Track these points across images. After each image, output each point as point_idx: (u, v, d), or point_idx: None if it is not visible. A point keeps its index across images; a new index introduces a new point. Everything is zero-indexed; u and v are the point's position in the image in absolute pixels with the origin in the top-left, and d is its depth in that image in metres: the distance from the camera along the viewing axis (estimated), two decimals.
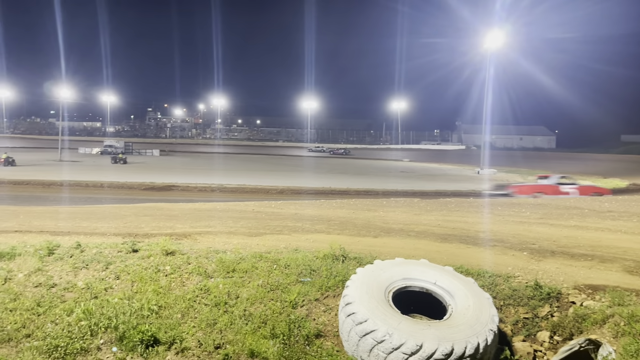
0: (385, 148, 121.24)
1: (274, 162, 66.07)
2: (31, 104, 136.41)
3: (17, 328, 6.60)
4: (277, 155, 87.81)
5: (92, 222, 12.72)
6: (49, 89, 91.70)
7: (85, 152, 75.52)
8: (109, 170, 41.38)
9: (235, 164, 60.15)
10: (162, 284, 7.67)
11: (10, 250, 8.96)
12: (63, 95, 68.68)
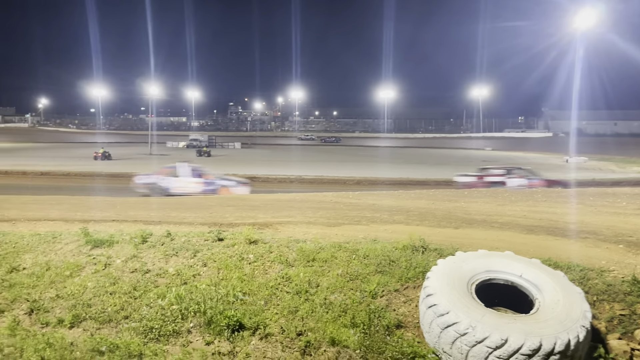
0: (466, 137, 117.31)
1: (351, 153, 66.17)
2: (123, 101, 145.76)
3: (117, 310, 7.13)
4: (353, 146, 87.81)
5: (181, 212, 13.42)
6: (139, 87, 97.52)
7: (173, 145, 79.64)
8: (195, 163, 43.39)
9: (313, 155, 60.91)
10: (246, 272, 7.96)
11: (109, 238, 9.68)
12: (152, 93, 72.75)
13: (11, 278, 8.25)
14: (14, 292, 7.80)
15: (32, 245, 9.58)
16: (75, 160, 42.53)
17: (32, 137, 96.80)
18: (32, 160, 41.34)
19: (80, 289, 7.75)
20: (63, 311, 7.26)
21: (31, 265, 8.76)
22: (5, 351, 6.00)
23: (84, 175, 29.83)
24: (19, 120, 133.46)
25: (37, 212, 13.41)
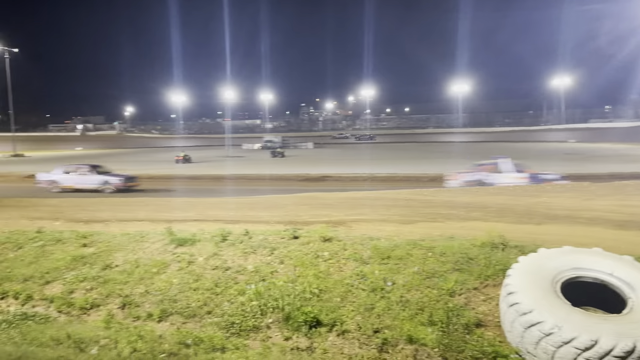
0: (547, 129, 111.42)
1: (424, 150, 65.02)
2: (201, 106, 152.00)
3: (200, 305, 7.47)
4: (426, 142, 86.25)
5: (257, 212, 13.82)
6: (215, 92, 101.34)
7: (248, 147, 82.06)
8: (269, 164, 44.41)
9: (385, 153, 60.47)
10: (321, 269, 8.06)
11: (192, 236, 10.15)
12: (227, 97, 75.33)
13: (105, 275, 8.87)
14: (108, 287, 8.38)
15: (123, 244, 10.24)
16: (158, 164, 44.91)
17: (119, 143, 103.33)
18: (120, 165, 44.16)
19: (167, 285, 8.19)
20: (152, 306, 7.71)
21: (122, 263, 9.37)
22: (102, 342, 6.46)
23: (166, 178, 31.45)
24: (108, 128, 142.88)
25: (127, 213, 14.32)
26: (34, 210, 15.40)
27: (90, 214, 14.17)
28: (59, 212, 14.71)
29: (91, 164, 24.98)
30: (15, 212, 14.92)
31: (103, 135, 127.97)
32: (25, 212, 14.88)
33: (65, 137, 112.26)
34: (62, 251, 10.19)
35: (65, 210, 15.20)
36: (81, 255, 9.82)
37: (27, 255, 10.15)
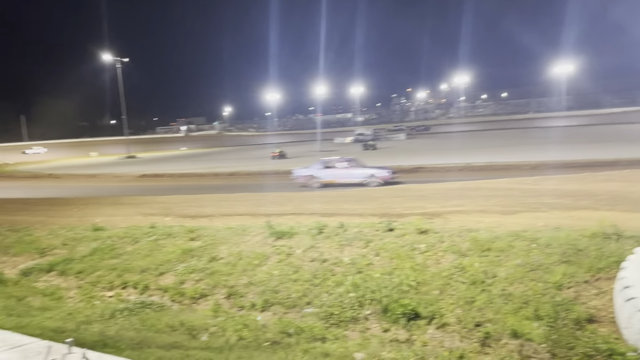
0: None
1: (524, 136, 61.59)
2: (294, 103, 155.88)
3: (300, 296, 7.71)
4: (527, 128, 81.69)
5: (351, 205, 13.93)
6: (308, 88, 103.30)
7: (340, 141, 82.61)
8: (361, 157, 44.48)
9: (481, 141, 58.12)
10: (418, 261, 7.98)
11: (289, 230, 10.48)
12: (319, 92, 76.34)
13: (212, 266, 9.42)
14: (215, 278, 8.91)
15: (226, 238, 10.82)
16: (255, 161, 46.64)
17: (219, 142, 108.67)
18: (220, 162, 46.44)
19: (268, 277, 8.54)
20: (255, 296, 8.08)
21: (226, 255, 9.90)
22: (211, 330, 6.88)
23: (263, 173, 32.57)
24: (208, 128, 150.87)
25: (228, 208, 15.06)
26: (147, 207, 16.68)
27: (196, 210, 15.08)
28: (168, 209, 15.80)
29: (347, 158, 24.21)
30: (130, 209, 16.26)
31: (204, 135, 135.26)
32: (139, 209, 16.17)
33: (170, 139, 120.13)
34: (172, 245, 10.97)
35: (173, 206, 16.30)
36: (189, 248, 10.51)
37: (143, 249, 11.05)
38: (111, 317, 7.45)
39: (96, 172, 40.98)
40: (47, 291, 9.71)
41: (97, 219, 14.51)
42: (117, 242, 11.71)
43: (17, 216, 16.27)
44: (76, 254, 11.49)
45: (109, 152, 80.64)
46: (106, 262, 10.70)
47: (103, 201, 19.22)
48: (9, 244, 12.87)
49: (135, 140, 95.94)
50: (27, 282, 10.49)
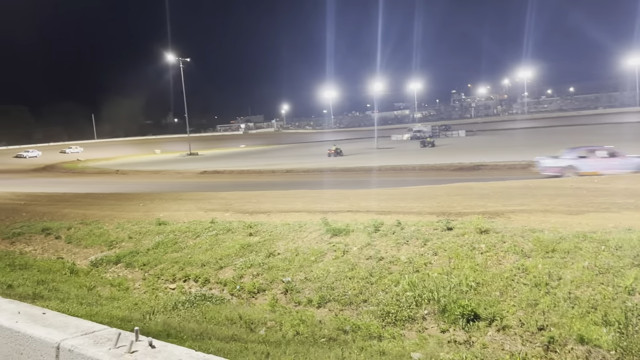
0: None
1: (594, 133, 58.60)
2: (351, 100, 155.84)
3: (356, 294, 7.70)
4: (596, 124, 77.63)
5: (408, 202, 13.74)
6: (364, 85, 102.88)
7: (397, 138, 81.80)
8: (419, 154, 43.83)
9: (546, 138, 55.81)
10: (477, 262, 7.77)
11: (346, 227, 10.48)
12: (376, 89, 75.90)
13: (269, 262, 9.58)
14: (272, 274, 9.06)
15: (283, 234, 10.96)
16: (312, 158, 46.99)
17: (276, 139, 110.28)
18: (277, 160, 47.14)
19: (324, 273, 8.58)
20: (311, 292, 8.15)
21: (284, 251, 10.04)
22: (268, 324, 7.01)
23: (320, 171, 32.79)
24: (266, 126, 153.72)
25: (285, 204, 15.25)
26: (207, 202, 17.17)
27: (254, 206, 15.37)
28: (228, 204, 16.20)
29: (604, 146, 20.87)
30: (192, 205, 16.80)
31: (262, 132, 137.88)
32: (200, 205, 16.67)
33: (230, 136, 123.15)
34: (232, 240, 11.25)
35: (233, 202, 16.68)
36: (248, 243, 10.74)
37: (203, 243, 11.40)
38: (174, 308, 7.74)
39: (160, 168, 42.64)
40: (114, 282, 10.21)
41: (160, 213, 15.09)
42: (180, 237, 12.13)
43: (88, 210, 17.18)
44: (141, 247, 12.00)
45: (172, 150, 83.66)
46: (169, 255, 11.12)
47: (166, 197, 19.96)
48: (81, 236, 13.62)
49: (197, 138, 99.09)
50: (96, 272, 11.08)
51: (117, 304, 7.86)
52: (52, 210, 17.58)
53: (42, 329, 2.98)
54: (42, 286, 8.63)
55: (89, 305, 7.46)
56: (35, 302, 6.39)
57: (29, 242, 14.02)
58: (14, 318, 3.22)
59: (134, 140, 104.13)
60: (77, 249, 12.96)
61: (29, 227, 15.16)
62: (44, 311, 3.37)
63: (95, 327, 2.99)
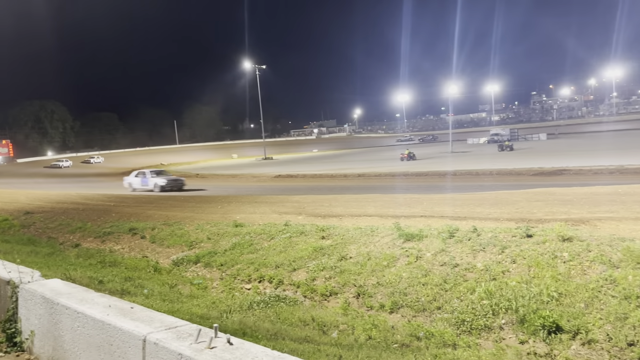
0: None
1: None
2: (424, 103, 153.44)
3: (429, 300, 7.56)
4: None
5: (485, 208, 13.31)
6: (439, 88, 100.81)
7: (473, 142, 79.43)
8: (496, 158, 42.29)
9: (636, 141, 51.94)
10: (560, 271, 7.39)
11: (419, 232, 10.32)
12: (451, 92, 74.14)
13: (341, 265, 9.63)
14: (344, 277, 9.09)
15: (355, 238, 10.98)
16: (384, 162, 46.69)
17: (349, 144, 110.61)
18: (349, 164, 47.26)
19: (397, 279, 8.50)
20: (383, 297, 8.10)
21: (355, 255, 10.05)
22: (341, 327, 7.04)
23: (392, 175, 32.48)
24: (339, 131, 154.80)
25: (357, 208, 15.25)
26: (281, 205, 17.53)
27: (326, 209, 15.50)
28: (301, 208, 16.46)
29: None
30: (267, 208, 17.22)
31: (335, 137, 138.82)
32: (274, 208, 17.06)
33: (303, 141, 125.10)
34: (305, 242, 11.42)
35: (306, 206, 16.93)
36: (320, 246, 10.85)
37: (277, 245, 11.66)
38: (249, 308, 7.97)
39: (236, 172, 44.07)
40: (194, 280, 10.67)
41: (237, 216, 15.60)
42: (255, 238, 12.47)
43: (170, 212, 18.09)
44: (219, 247, 12.47)
45: (248, 154, 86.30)
46: (245, 256, 11.47)
47: (242, 199, 20.60)
48: (164, 236, 14.36)
49: (271, 142, 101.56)
50: (178, 271, 11.63)
51: (196, 302, 8.21)
52: (138, 212, 18.68)
53: (131, 322, 3.19)
54: (129, 283, 9.18)
55: (171, 302, 7.85)
56: (123, 298, 6.81)
57: (117, 240, 14.98)
58: (105, 311, 3.47)
59: (213, 145, 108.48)
60: (160, 249, 13.68)
61: (118, 227, 16.20)
62: (132, 305, 3.61)
63: (178, 323, 3.16)
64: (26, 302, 4.29)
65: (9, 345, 4.33)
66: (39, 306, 4.07)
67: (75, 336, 3.59)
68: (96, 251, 13.90)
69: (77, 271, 8.97)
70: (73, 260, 12.16)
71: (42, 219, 19.59)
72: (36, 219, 19.76)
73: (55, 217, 19.52)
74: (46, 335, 3.97)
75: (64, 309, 3.73)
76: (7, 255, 8.98)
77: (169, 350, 2.77)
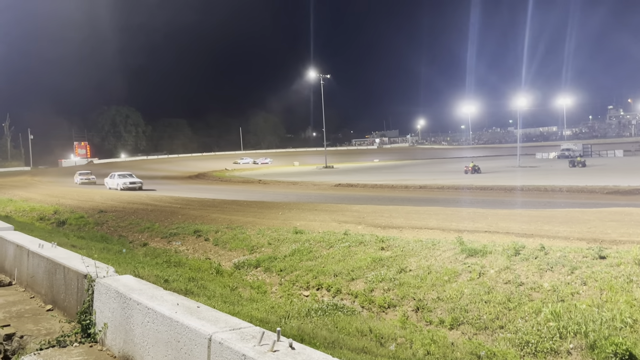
0: None
1: None
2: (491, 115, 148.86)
3: (492, 319, 7.33)
4: None
5: (554, 226, 12.74)
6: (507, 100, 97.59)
7: (542, 157, 76.28)
8: (567, 174, 40.39)
9: None
10: (635, 296, 6.96)
11: (482, 248, 10.03)
12: (520, 104, 71.73)
13: (400, 277, 9.52)
14: (403, 290, 8.98)
15: (416, 250, 10.82)
16: (447, 175, 45.69)
17: (411, 155, 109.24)
18: (411, 175, 46.59)
19: (458, 294, 8.30)
20: (443, 313, 7.93)
21: (415, 268, 9.90)
22: (398, 340, 6.96)
23: (456, 188, 31.71)
24: (401, 141, 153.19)
25: (418, 221, 15.03)
26: (341, 214, 17.56)
27: (386, 220, 15.38)
28: (360, 217, 16.42)
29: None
30: (326, 216, 17.31)
31: (397, 147, 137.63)
32: (334, 216, 17.12)
33: (364, 151, 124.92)
34: (364, 252, 11.38)
35: (366, 215, 16.87)
36: (379, 257, 10.78)
37: (336, 254, 11.69)
38: (307, 315, 8.04)
39: (297, 179, 44.59)
40: (254, 284, 10.89)
41: (297, 222, 15.78)
42: (314, 246, 12.57)
43: (233, 215, 18.58)
44: (279, 253, 12.66)
45: (309, 162, 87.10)
46: (304, 263, 11.58)
47: (303, 207, 20.82)
48: (226, 239, 14.76)
49: (333, 151, 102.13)
50: (239, 274, 11.91)
51: (255, 306, 8.38)
52: (202, 214, 19.31)
53: (197, 321, 3.31)
54: (192, 283, 9.50)
55: (232, 304, 8.05)
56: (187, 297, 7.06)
57: (182, 242, 15.55)
58: (174, 309, 3.62)
59: (275, 152, 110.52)
60: (222, 251, 14.07)
61: (183, 228, 16.82)
62: (199, 305, 3.74)
63: (241, 324, 3.25)
64: (101, 295, 4.55)
65: (83, 336, 4.60)
66: (113, 300, 4.30)
67: (145, 331, 3.76)
68: (162, 251, 14.49)
69: (145, 269, 9.38)
70: (141, 258, 12.73)
71: (114, 217, 20.67)
72: (109, 217, 20.88)
73: (126, 216, 20.55)
74: (118, 329, 4.18)
75: (136, 304, 3.92)
76: (82, 250, 9.55)
77: (233, 351, 2.85)
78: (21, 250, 6.88)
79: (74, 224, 20.66)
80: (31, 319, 5.38)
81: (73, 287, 5.17)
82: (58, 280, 5.57)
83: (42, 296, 6.04)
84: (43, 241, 6.89)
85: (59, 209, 24.16)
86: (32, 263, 6.42)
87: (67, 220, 21.37)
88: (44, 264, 5.99)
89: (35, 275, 6.33)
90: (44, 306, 5.80)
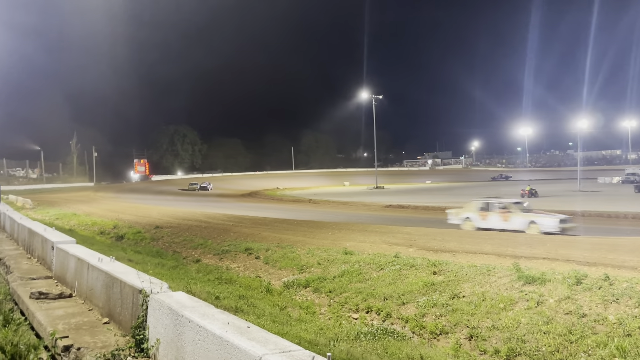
0: None
1: None
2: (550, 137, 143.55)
3: (551, 351, 6.95)
4: None
5: (619, 255, 12.05)
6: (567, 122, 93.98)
7: (605, 181, 72.72)
8: (632, 200, 38.30)
9: None
10: None
11: (541, 275, 9.59)
12: (580, 126, 69.04)
13: (453, 303, 9.22)
14: (456, 317, 8.69)
15: (470, 276, 10.48)
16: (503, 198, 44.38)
17: (464, 177, 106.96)
18: (464, 197, 45.48)
19: (514, 323, 7.94)
20: (498, 342, 7.60)
21: (469, 294, 9.57)
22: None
23: None
24: (454, 162, 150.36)
25: (472, 245, 14.58)
26: (391, 236, 17.32)
27: (439, 244, 15.02)
28: (412, 240, 16.12)
29: None
30: (376, 237, 17.11)
31: (449, 169, 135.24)
32: (384, 238, 16.89)
33: (416, 172, 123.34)
34: (415, 276, 11.13)
35: (417, 238, 16.55)
36: (431, 282, 10.50)
37: (386, 277, 11.49)
38: (356, 338, 7.90)
39: (348, 200, 44.50)
40: (303, 304, 10.84)
41: (347, 243, 15.67)
42: (364, 268, 12.42)
43: (283, 234, 18.69)
44: (328, 273, 12.58)
45: (360, 182, 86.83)
46: (353, 285, 11.44)
47: (353, 227, 20.69)
48: (276, 258, 14.84)
49: (384, 172, 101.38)
50: (288, 293, 11.91)
51: (304, 327, 8.32)
52: (254, 232, 19.54)
53: (247, 342, 3.30)
54: (243, 301, 9.57)
55: (281, 324, 8.03)
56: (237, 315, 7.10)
57: (234, 259, 15.76)
58: (224, 328, 3.64)
59: (326, 172, 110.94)
60: (272, 270, 14.14)
61: (235, 246, 17.06)
62: (249, 325, 3.74)
63: (291, 347, 3.22)
64: (154, 311, 4.64)
65: (136, 351, 4.69)
66: (166, 316, 4.37)
67: (196, 349, 3.79)
68: (214, 268, 14.73)
69: (197, 285, 9.55)
70: (194, 274, 12.98)
71: (169, 233, 21.27)
72: (164, 233, 21.50)
73: (181, 232, 21.09)
74: (170, 345, 4.24)
75: (188, 321, 3.96)
76: (138, 265, 9.83)
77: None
78: (82, 264, 7.16)
79: (131, 238, 21.40)
80: (88, 331, 5.56)
81: (128, 302, 5.31)
82: (115, 294, 5.74)
83: (99, 309, 6.24)
84: (102, 255, 7.14)
85: (118, 224, 25.13)
86: (92, 276, 6.66)
87: (125, 235, 22.17)
88: (102, 278, 6.20)
89: (94, 288, 6.55)
90: (101, 319, 5.99)
